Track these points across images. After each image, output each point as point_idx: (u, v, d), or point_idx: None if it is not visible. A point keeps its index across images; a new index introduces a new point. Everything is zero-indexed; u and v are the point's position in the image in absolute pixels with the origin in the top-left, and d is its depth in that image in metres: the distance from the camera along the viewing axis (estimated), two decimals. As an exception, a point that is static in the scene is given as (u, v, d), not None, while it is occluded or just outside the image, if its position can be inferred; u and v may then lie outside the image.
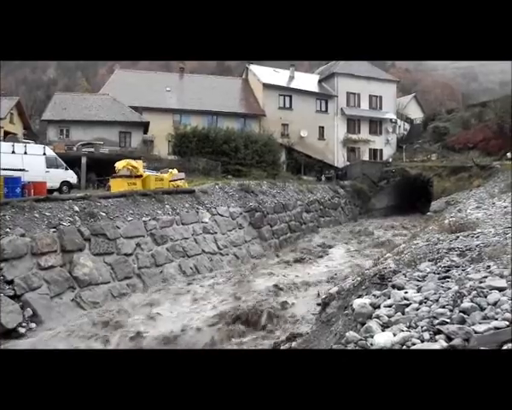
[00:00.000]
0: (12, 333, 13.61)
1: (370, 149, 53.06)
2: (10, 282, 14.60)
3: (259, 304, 16.29)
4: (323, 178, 45.62)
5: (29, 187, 19.39)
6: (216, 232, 23.66)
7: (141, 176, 24.16)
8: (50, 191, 21.14)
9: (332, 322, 8.93)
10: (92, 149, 34.53)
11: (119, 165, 23.98)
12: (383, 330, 5.70)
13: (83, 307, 15.83)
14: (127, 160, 24.64)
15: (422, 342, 4.95)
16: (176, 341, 13.71)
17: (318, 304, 13.71)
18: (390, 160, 51.08)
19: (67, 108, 40.19)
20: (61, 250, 16.61)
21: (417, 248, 11.83)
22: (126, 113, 40.33)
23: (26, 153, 23.63)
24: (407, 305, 6.25)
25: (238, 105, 48.69)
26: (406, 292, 6.86)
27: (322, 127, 50.69)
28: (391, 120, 54.42)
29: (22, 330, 13.83)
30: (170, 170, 26.86)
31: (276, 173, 38.64)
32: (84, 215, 18.30)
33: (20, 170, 21.37)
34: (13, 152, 23.13)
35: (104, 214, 19.04)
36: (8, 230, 15.74)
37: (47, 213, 17.35)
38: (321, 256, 25.56)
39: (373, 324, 5.93)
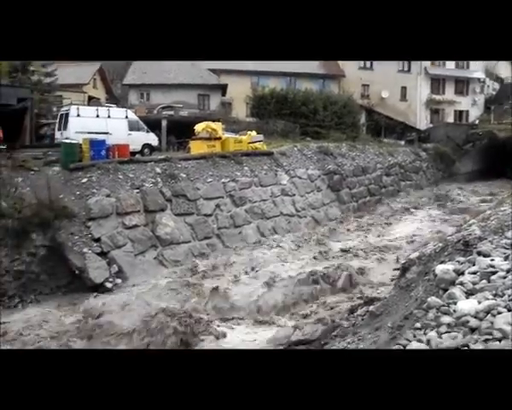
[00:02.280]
0: (99, 288, 14.31)
1: (455, 111, 50.69)
2: (97, 240, 15.31)
3: (337, 267, 16.18)
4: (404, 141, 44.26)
5: (113, 149, 19.95)
6: (294, 194, 23.56)
7: (220, 138, 24.33)
8: (133, 154, 21.70)
9: (412, 287, 8.69)
10: (172, 112, 35.07)
11: (198, 127, 24.23)
12: (467, 298, 5.50)
13: (165, 265, 16.35)
14: (206, 122, 24.83)
15: (509, 311, 4.70)
16: (260, 297, 14.00)
17: (397, 269, 13.45)
18: (477, 122, 48.64)
19: (147, 73, 40.90)
20: (144, 210, 17.16)
21: (505, 215, 11.19)
22: (204, 76, 40.59)
23: (109, 117, 24.25)
24: (493, 273, 5.92)
25: (317, 66, 47.74)
26: (493, 260, 6.49)
27: (405, 88, 48.87)
28: (479, 79, 51.66)
29: (109, 284, 14.53)
30: (248, 132, 26.85)
31: (356, 136, 37.78)
32: (166, 177, 18.72)
33: (104, 133, 22.01)
34: (97, 116, 23.83)
35: (184, 176, 19.38)
36: (94, 190, 16.39)
37: (130, 175, 17.88)
38: (400, 221, 24.97)
39: (456, 290, 5.73)
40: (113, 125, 23.60)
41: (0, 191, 14.80)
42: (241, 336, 12.34)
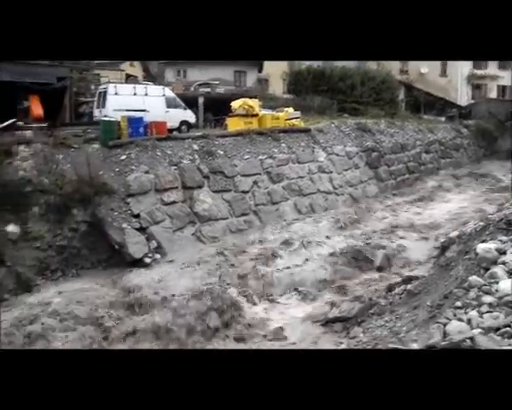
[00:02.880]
0: (138, 263, 14.62)
1: (498, 86, 49.12)
2: (137, 215, 15.58)
3: (374, 245, 16.06)
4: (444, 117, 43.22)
5: (151, 127, 20.08)
6: (331, 172, 23.38)
7: (257, 115, 24.21)
8: (170, 131, 21.80)
9: (451, 266, 8.59)
10: (209, 89, 35.00)
11: (235, 104, 24.15)
12: (510, 277, 5.41)
13: (203, 242, 16.52)
14: (243, 99, 24.74)
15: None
16: (296, 272, 14.06)
17: (436, 248, 13.27)
18: (520, 97, 47.18)
19: (185, 50, 40.94)
20: (182, 187, 17.32)
21: (550, 193, 10.91)
22: (241, 52, 40.39)
23: (146, 94, 24.35)
24: (537, 252, 5.82)
25: (355, 41, 47.03)
26: (536, 239, 6.37)
27: (445, 63, 47.65)
28: (523, 52, 49.96)
29: (148, 260, 14.79)
30: (285, 109, 26.65)
31: (395, 112, 37.04)
32: (203, 153, 18.81)
33: (142, 111, 22.15)
34: (135, 94, 23.97)
35: (222, 153, 19.43)
36: (133, 167, 16.60)
37: (168, 152, 18.03)
38: (440, 199, 24.54)
39: (498, 269, 5.67)
40: (151, 102, 23.70)
41: (42, 168, 15.12)
42: (280, 312, 12.43)
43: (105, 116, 20.17)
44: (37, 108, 21.31)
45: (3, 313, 12.09)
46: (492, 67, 48.67)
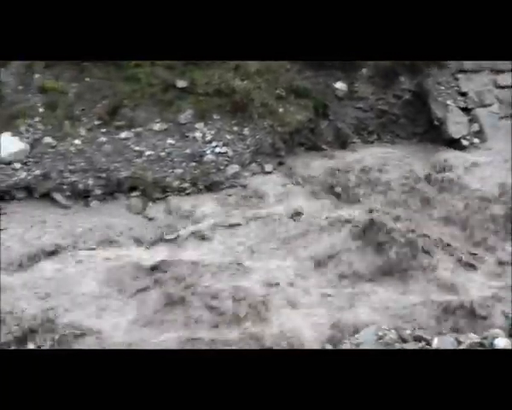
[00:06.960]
0: (454, 143, 14.24)
1: None
2: (463, 94, 14.84)
3: None
4: None
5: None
6: None
7: None
8: None
9: None
10: None
11: None
12: None
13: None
14: None
15: None
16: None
17: None
18: None
19: None
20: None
21: None
22: None
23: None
24: None
25: None
26: None
27: None
28: None
29: (465, 142, 14.22)
30: None
31: None
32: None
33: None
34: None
35: None
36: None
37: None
38: None
39: None
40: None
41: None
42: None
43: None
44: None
45: (320, 162, 13.40)
46: None
